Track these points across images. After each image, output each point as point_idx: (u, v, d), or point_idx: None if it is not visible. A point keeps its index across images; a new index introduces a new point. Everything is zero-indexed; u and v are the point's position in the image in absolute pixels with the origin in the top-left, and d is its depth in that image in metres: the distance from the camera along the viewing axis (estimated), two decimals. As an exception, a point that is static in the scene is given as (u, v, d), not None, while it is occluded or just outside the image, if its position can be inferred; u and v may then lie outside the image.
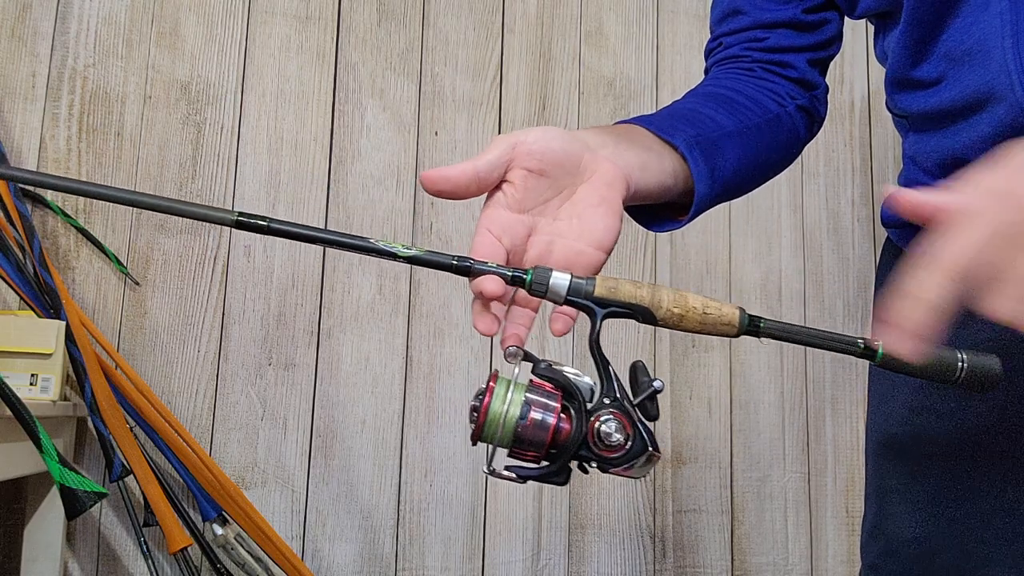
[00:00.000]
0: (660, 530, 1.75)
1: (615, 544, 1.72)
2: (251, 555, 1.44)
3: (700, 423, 1.79)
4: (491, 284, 0.54)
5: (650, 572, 1.73)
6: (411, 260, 0.54)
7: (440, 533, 1.64)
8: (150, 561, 1.42)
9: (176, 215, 0.53)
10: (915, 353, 0.45)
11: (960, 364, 0.51)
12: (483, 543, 1.66)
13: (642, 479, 1.75)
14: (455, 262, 0.54)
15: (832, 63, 0.85)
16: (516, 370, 0.54)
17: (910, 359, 0.46)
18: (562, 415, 0.53)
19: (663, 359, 1.77)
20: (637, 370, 0.55)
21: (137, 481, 1.37)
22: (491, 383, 0.53)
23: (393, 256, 0.54)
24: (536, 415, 0.52)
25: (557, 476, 0.53)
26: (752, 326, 0.53)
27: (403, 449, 1.65)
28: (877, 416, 0.79)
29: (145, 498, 1.37)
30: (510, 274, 0.54)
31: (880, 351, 0.52)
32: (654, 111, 1.93)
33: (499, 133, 1.77)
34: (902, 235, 0.78)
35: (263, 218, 0.53)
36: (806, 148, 0.84)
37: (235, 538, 1.43)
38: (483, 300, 0.56)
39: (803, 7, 0.80)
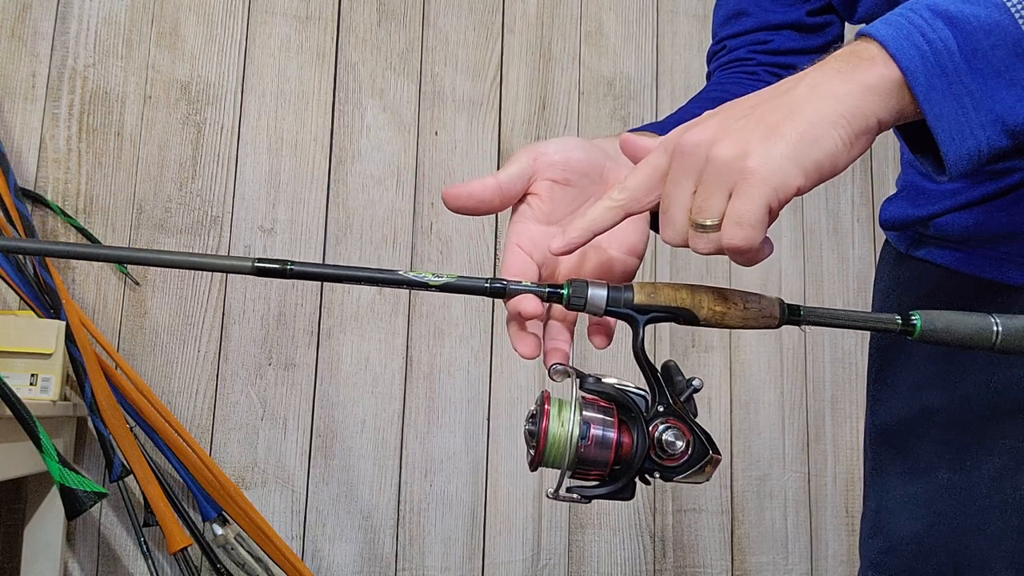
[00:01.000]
0: (660, 530, 1.75)
1: (615, 544, 1.72)
2: (251, 555, 1.44)
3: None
4: (530, 304, 0.52)
5: (650, 572, 1.73)
6: (443, 288, 0.51)
7: (440, 533, 1.64)
8: (150, 561, 1.42)
9: (194, 269, 0.51)
10: (562, 249, 0.52)
11: (995, 329, 0.51)
12: (483, 543, 1.66)
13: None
14: (488, 285, 0.52)
15: None
16: (573, 388, 0.52)
17: (558, 252, 0.52)
18: (621, 429, 0.51)
19: (663, 359, 1.77)
20: (671, 370, 0.54)
21: (137, 481, 1.37)
22: (545, 404, 0.51)
23: (424, 286, 0.51)
24: (596, 432, 0.51)
25: (624, 492, 0.51)
26: (792, 315, 0.52)
27: (403, 449, 1.65)
28: (876, 414, 0.79)
29: (145, 498, 1.37)
30: (546, 291, 0.52)
31: (919, 325, 0.51)
32: (654, 113, 1.94)
33: (499, 133, 1.78)
34: (900, 238, 0.78)
35: (282, 262, 0.50)
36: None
37: (235, 538, 1.43)
38: (520, 321, 0.55)
39: (807, 9, 0.80)
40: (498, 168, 1.85)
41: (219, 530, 1.42)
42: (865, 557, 0.79)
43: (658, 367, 0.54)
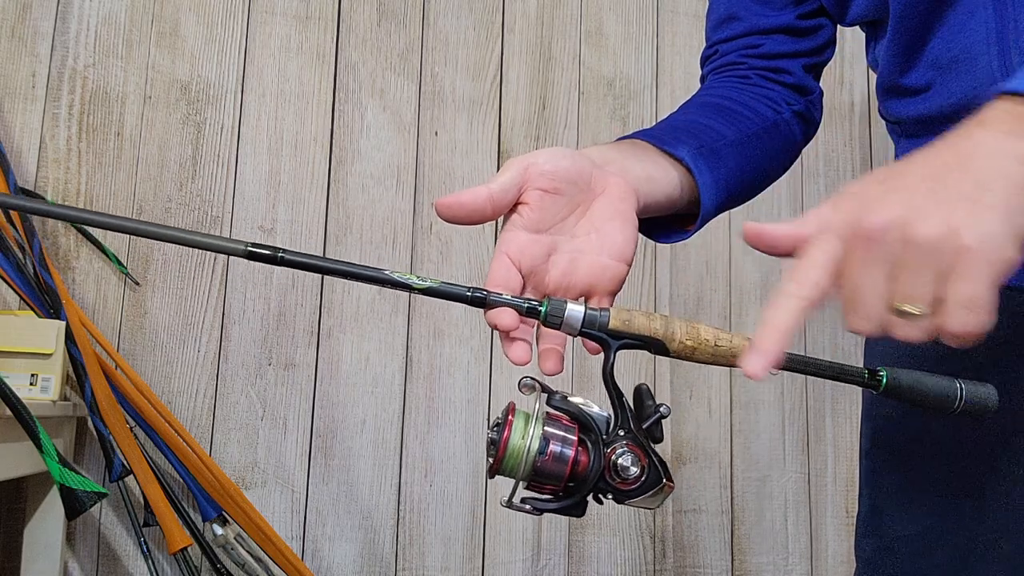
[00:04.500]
0: (660, 530, 1.75)
1: (615, 544, 1.72)
2: (251, 555, 1.44)
3: (700, 423, 1.79)
4: (506, 318, 0.54)
5: (650, 572, 1.73)
6: (426, 292, 0.53)
7: (440, 533, 1.64)
8: (150, 561, 1.42)
9: (188, 246, 0.52)
10: (765, 368, 0.47)
11: (959, 393, 0.52)
12: (483, 543, 1.66)
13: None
14: (469, 294, 0.54)
15: (831, 64, 0.85)
16: (536, 404, 0.53)
17: (760, 374, 0.48)
18: (579, 448, 0.53)
19: (663, 359, 1.77)
20: (642, 393, 0.55)
21: (137, 481, 1.37)
22: (509, 416, 0.53)
23: (408, 288, 0.53)
24: (555, 448, 0.52)
25: (575, 509, 0.53)
26: None
27: (403, 449, 1.65)
28: (871, 414, 0.79)
29: (145, 498, 1.37)
30: (525, 306, 0.54)
31: (884, 379, 0.53)
32: (654, 113, 1.93)
33: (499, 133, 1.78)
34: None
35: (275, 248, 0.52)
36: (806, 148, 0.84)
37: (235, 538, 1.43)
38: (501, 331, 0.56)
39: (798, 12, 0.80)
40: (497, 168, 1.85)
41: (219, 530, 1.42)
42: (861, 557, 0.79)
43: (625, 367, 0.56)
